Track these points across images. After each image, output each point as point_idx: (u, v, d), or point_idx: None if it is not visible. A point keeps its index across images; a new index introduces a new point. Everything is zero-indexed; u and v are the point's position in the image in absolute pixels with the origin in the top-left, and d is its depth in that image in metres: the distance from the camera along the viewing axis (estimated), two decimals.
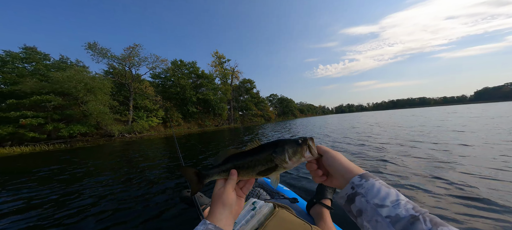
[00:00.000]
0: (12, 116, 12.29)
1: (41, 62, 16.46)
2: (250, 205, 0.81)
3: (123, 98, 21.03)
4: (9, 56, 15.09)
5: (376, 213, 0.33)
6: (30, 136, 12.66)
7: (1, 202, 2.62)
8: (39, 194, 2.85)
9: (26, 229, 1.88)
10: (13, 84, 13.79)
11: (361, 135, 6.82)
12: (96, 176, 3.73)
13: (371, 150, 4.20)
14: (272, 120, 49.44)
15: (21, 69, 15.07)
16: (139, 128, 19.06)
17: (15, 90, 13.30)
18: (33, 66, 15.99)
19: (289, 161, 0.44)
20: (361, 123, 13.07)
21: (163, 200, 2.33)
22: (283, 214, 0.75)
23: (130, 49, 21.74)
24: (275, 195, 1.27)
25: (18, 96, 13.46)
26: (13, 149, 11.18)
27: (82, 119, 15.50)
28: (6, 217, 2.15)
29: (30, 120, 12.61)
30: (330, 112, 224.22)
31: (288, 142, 0.45)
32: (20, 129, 12.41)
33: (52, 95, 13.87)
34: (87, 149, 9.71)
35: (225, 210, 0.42)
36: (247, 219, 0.74)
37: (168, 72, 28.11)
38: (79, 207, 2.31)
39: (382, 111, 72.79)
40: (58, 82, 13.93)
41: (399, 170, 2.73)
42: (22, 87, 13.22)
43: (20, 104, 13.05)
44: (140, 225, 1.79)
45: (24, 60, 15.81)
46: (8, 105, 12.83)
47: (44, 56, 17.26)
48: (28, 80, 13.71)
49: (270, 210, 0.78)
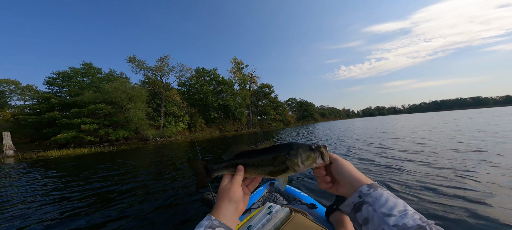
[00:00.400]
0: (75, 122, 14.78)
1: (95, 76, 19.55)
2: (267, 209, 0.81)
3: (156, 106, 23.32)
4: (73, 72, 18.36)
5: (383, 222, 0.33)
6: (87, 139, 14.98)
7: (94, 188, 3.78)
8: (107, 184, 3.99)
9: (102, 203, 2.82)
10: (76, 95, 16.65)
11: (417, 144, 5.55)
12: (136, 172, 4.92)
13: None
14: (291, 124, 48.23)
15: (81, 82, 18.13)
16: (169, 133, 20.77)
17: (77, 100, 16.01)
18: (90, 80, 19.06)
19: (301, 164, 0.44)
20: (401, 129, 10.18)
21: (185, 197, 2.79)
22: (299, 219, 0.74)
23: (161, 60, 24.16)
24: (292, 200, 1.24)
25: (79, 105, 16.16)
26: (75, 150, 13.36)
27: (125, 125, 17.68)
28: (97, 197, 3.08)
29: (88, 125, 14.94)
30: (356, 115, 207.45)
31: (302, 146, 0.46)
32: (81, 133, 14.79)
33: (103, 104, 16.23)
34: (129, 151, 11.11)
35: (231, 206, 0.41)
36: (263, 223, 0.74)
37: (192, 80, 30.18)
38: (124, 194, 3.23)
39: (423, 114, 63.87)
40: (108, 93, 16.26)
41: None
42: (82, 98, 15.84)
43: (80, 112, 15.61)
44: (165, 220, 2.15)
45: (83, 74, 19.03)
46: (72, 114, 15.48)
47: (97, 70, 20.48)
48: (86, 92, 16.36)
49: (286, 215, 0.78)
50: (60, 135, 14.15)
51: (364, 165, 3.75)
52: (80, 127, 14.74)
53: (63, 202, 3.00)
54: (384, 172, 3.18)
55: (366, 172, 3.24)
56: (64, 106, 16.52)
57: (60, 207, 2.77)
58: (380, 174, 3.08)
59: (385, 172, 3.17)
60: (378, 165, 3.66)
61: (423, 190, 2.34)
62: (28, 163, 8.75)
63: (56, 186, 4.05)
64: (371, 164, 3.76)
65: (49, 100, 16.30)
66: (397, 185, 2.58)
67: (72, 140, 14.65)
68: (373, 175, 3.11)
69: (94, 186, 3.82)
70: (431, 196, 2.18)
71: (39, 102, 16.78)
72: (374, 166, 3.59)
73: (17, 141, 14.16)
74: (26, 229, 2.19)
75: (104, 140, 16.41)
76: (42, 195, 3.46)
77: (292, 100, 64.20)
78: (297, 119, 58.27)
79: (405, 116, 59.58)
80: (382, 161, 3.87)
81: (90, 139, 15.10)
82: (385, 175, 3.01)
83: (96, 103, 16.15)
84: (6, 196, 3.53)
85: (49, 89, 17.91)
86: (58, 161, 8.65)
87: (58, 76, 17.90)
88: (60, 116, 15.21)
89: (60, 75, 17.93)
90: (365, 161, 4.09)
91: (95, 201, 2.94)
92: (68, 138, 14.35)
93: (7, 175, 5.83)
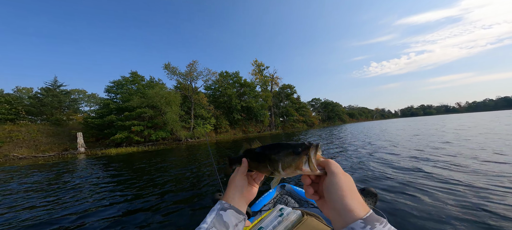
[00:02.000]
0: (126, 124, 17.39)
1: (140, 83, 22.64)
2: (277, 211, 0.81)
3: (186, 108, 25.49)
4: (124, 81, 21.71)
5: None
6: (135, 139, 17.43)
7: (154, 178, 4.73)
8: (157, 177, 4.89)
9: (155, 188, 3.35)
10: (126, 101, 19.61)
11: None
12: (174, 167, 6.10)
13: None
14: (315, 125, 45.64)
15: (130, 89, 21.25)
16: (198, 134, 22.37)
17: (128, 105, 18.82)
18: (136, 87, 22.18)
19: (283, 170, 0.38)
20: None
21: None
22: (312, 222, 0.73)
23: (190, 65, 26.25)
24: (304, 203, 1.20)
25: (129, 110, 18.98)
26: (127, 149, 15.69)
27: (162, 126, 19.90)
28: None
29: (136, 127, 17.36)
30: (393, 115, 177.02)
31: (286, 147, 0.39)
32: (131, 134, 17.31)
33: (147, 108, 18.62)
34: (166, 150, 12.54)
35: (237, 192, 0.46)
36: (274, 225, 0.74)
37: (217, 83, 31.79)
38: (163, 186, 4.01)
39: (490, 113, 50.57)
40: (150, 98, 18.58)
41: None
42: (131, 103, 18.54)
43: (130, 116, 18.30)
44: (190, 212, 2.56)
45: (131, 82, 22.30)
46: (125, 117, 18.28)
47: (141, 77, 23.69)
48: (134, 97, 19.07)
49: (298, 218, 0.77)
50: (117, 135, 16.89)
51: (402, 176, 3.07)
52: (130, 128, 17.27)
53: (126, 188, 3.92)
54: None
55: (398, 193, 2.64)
56: (118, 111, 19.66)
57: (124, 193, 3.54)
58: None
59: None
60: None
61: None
62: (95, 158, 10.72)
63: (121, 176, 5.05)
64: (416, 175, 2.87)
65: (109, 105, 19.67)
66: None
67: (124, 140, 17.31)
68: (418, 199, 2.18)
69: (154, 177, 4.75)
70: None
71: (101, 108, 20.45)
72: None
73: (86, 140, 17.60)
74: (110, 206, 2.96)
75: (147, 140, 18.83)
76: (107, 183, 4.46)
77: (316, 100, 60.71)
78: (322, 120, 54.77)
79: (463, 115, 47.52)
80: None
81: (138, 139, 17.53)
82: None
83: (141, 107, 18.67)
84: (89, 182, 4.64)
85: (107, 96, 21.65)
86: (116, 157, 10.32)
87: (114, 85, 21.46)
88: (116, 119, 18.16)
89: (115, 84, 21.46)
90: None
91: (152, 189, 3.72)
92: (122, 137, 17.00)
93: (87, 166, 7.38)
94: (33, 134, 16.99)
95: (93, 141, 18.62)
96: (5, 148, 14.95)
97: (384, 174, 3.46)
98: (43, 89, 21.92)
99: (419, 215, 2.04)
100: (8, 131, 16.30)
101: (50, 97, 21.13)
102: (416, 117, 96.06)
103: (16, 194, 3.92)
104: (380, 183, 3.03)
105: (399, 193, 2.60)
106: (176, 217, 2.41)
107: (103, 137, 18.42)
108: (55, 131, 18.41)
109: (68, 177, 5.42)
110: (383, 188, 2.81)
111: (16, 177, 6.02)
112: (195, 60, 26.55)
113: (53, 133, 17.90)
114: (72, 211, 2.77)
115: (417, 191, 2.64)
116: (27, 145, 15.84)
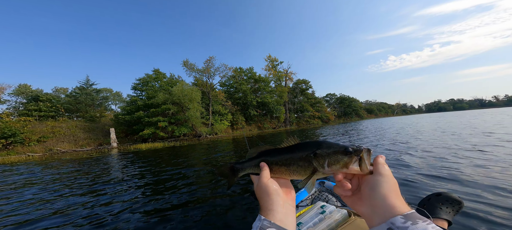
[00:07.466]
0: (153, 121, 18.12)
1: (162, 80, 23.39)
2: (318, 208, 0.80)
3: (205, 105, 25.93)
4: (148, 78, 22.58)
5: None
6: (160, 135, 18.14)
7: (174, 173, 4.82)
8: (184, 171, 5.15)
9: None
10: (151, 98, 20.42)
11: None
12: (195, 162, 6.26)
13: None
14: (330, 121, 43.92)
15: (154, 87, 22.05)
16: (216, 130, 22.67)
17: (153, 102, 19.57)
18: (159, 84, 22.96)
19: (328, 167, 0.38)
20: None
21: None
22: (362, 223, 0.67)
23: (207, 62, 26.41)
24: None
25: (154, 106, 19.74)
26: (153, 144, 16.38)
27: (184, 123, 20.46)
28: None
29: (162, 123, 18.02)
30: (417, 111, 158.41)
31: (334, 145, 0.39)
32: (157, 130, 18.04)
33: (171, 105, 19.18)
34: (191, 146, 12.84)
35: (271, 199, 0.38)
36: (314, 221, 0.73)
37: (231, 80, 31.76)
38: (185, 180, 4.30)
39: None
40: (175, 95, 19.07)
41: None
42: (156, 100, 19.23)
43: (155, 112, 19.02)
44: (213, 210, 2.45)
45: (154, 79, 23.13)
46: (151, 113, 19.06)
47: (163, 75, 24.45)
48: (159, 94, 19.74)
49: (343, 217, 0.73)
50: (145, 130, 17.71)
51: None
52: (156, 124, 17.99)
53: (157, 181, 4.08)
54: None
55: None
56: (145, 107, 20.58)
57: (156, 186, 3.67)
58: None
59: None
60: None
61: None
62: (127, 153, 11.25)
63: (152, 167, 5.56)
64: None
65: (136, 102, 20.67)
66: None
67: (150, 135, 18.11)
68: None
69: (182, 170, 4.97)
70: None
71: (129, 104, 21.59)
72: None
73: (117, 136, 18.75)
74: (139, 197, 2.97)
75: (170, 135, 19.52)
76: (139, 177, 4.59)
77: (331, 96, 58.22)
78: (338, 116, 52.50)
79: (507, 109, 40.33)
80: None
81: (163, 134, 18.23)
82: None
83: (166, 104, 19.30)
84: (126, 174, 4.85)
85: (134, 93, 22.76)
86: (147, 152, 10.65)
87: (140, 82, 22.44)
88: (144, 115, 19.02)
89: (140, 81, 22.43)
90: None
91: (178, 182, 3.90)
92: (149, 133, 17.80)
93: (121, 161, 7.77)
94: (72, 129, 18.56)
95: (123, 136, 19.81)
96: (49, 142, 16.55)
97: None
98: (77, 88, 23.77)
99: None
100: (51, 127, 17.98)
101: (84, 96, 22.84)
102: (445, 112, 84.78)
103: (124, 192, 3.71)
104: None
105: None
106: (214, 217, 2.31)
107: (132, 133, 19.49)
108: (90, 126, 19.93)
109: (117, 173, 5.46)
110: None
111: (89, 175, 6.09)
112: (212, 56, 26.69)
113: (88, 129, 19.39)
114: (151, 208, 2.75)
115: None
116: (68, 140, 17.37)
